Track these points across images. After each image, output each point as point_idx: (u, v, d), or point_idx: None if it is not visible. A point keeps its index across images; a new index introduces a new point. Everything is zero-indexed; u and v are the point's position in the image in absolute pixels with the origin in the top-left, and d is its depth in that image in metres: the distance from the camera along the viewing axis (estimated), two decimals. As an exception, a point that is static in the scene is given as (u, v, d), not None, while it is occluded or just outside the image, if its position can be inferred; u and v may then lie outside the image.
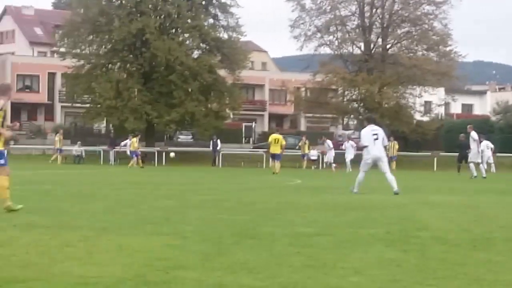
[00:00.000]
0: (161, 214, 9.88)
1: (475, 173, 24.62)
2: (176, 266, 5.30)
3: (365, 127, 14.55)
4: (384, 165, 14.18)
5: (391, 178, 14.13)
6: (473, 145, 25.21)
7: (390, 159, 24.95)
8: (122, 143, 37.37)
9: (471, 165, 25.13)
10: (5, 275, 4.68)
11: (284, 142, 27.24)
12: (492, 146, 30.97)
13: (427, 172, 36.79)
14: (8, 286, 4.30)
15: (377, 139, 13.76)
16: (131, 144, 34.06)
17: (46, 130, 56.98)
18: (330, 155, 34.74)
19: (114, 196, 14.20)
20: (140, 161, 33.64)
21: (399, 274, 5.10)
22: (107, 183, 19.81)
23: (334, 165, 33.65)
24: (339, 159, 35.15)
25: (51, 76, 60.01)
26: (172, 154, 34.92)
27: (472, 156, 25.26)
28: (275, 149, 26.51)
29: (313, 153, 37.61)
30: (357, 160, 26.26)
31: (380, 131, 14.07)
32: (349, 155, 32.17)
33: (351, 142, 32.95)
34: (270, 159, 28.30)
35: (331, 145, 35.47)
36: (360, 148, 16.56)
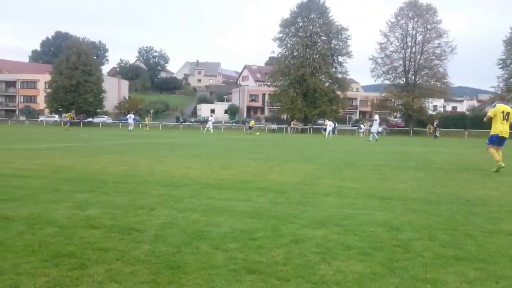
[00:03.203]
0: (312, 154, 16.04)
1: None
2: (318, 177, 8.99)
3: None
4: None
5: None
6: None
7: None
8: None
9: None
10: (246, 179, 8.40)
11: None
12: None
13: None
14: (248, 184, 7.86)
15: None
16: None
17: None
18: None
19: (291, 146, 22.39)
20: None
21: (423, 183, 8.59)
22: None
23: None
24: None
25: (263, 95, 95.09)
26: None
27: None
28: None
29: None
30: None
31: None
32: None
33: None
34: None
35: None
36: None
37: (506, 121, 11.56)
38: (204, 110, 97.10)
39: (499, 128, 11.54)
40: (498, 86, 67.31)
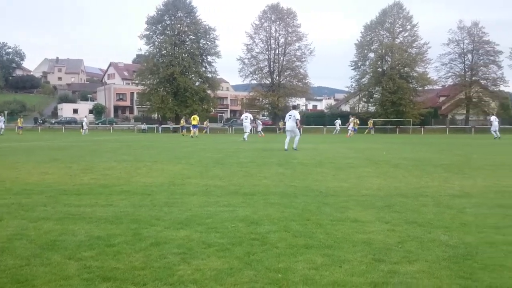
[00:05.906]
0: (182, 154, 15.71)
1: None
2: (187, 177, 8.91)
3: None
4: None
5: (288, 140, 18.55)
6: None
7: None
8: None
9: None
10: (109, 183, 8.07)
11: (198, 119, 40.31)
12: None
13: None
14: (111, 188, 7.58)
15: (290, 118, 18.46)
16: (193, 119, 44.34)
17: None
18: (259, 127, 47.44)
19: (162, 146, 21.69)
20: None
21: (283, 178, 8.96)
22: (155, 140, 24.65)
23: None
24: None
25: (132, 94, 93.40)
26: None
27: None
28: (194, 123, 39.27)
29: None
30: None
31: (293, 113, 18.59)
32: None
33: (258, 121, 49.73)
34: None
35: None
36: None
37: None
38: (66, 110, 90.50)
39: None
40: (351, 86, 73.90)
